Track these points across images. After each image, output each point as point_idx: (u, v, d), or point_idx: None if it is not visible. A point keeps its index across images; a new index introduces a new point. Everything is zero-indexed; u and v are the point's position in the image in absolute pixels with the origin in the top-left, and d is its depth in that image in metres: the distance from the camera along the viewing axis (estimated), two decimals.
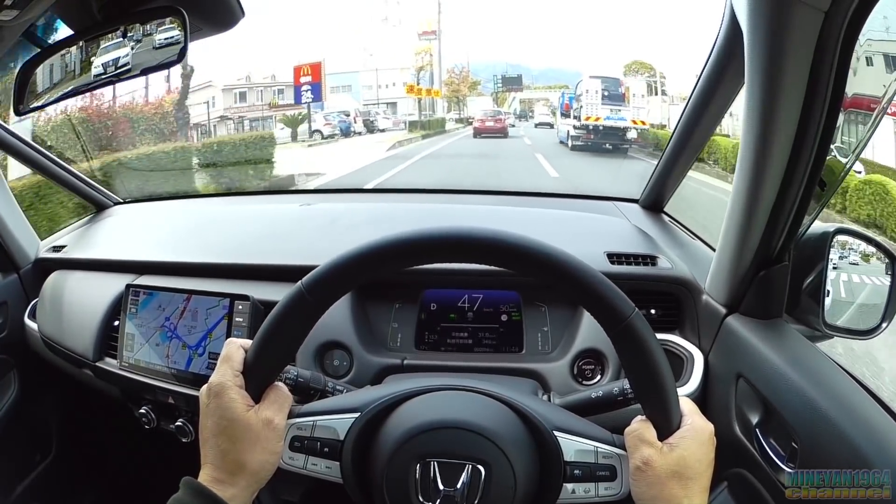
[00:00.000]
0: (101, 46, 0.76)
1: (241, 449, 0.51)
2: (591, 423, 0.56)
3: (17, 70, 0.81)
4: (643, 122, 8.11)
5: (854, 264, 0.77)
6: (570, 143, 8.49)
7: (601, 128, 8.07)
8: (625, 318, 0.49)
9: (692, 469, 0.50)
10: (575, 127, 8.44)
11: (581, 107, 8.55)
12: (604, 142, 8.04)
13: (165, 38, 0.73)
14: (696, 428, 0.52)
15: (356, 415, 0.55)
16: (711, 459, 0.52)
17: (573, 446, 0.53)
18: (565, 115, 9.46)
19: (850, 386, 0.62)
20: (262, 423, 0.52)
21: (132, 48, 0.74)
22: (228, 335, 0.91)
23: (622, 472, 0.53)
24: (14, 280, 1.22)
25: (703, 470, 0.51)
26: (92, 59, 0.77)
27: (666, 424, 0.51)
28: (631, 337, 0.49)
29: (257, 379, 0.53)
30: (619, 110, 8.12)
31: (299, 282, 0.51)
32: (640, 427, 0.52)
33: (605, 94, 8.32)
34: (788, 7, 0.51)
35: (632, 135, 7.99)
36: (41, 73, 0.81)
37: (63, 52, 0.79)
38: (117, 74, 0.76)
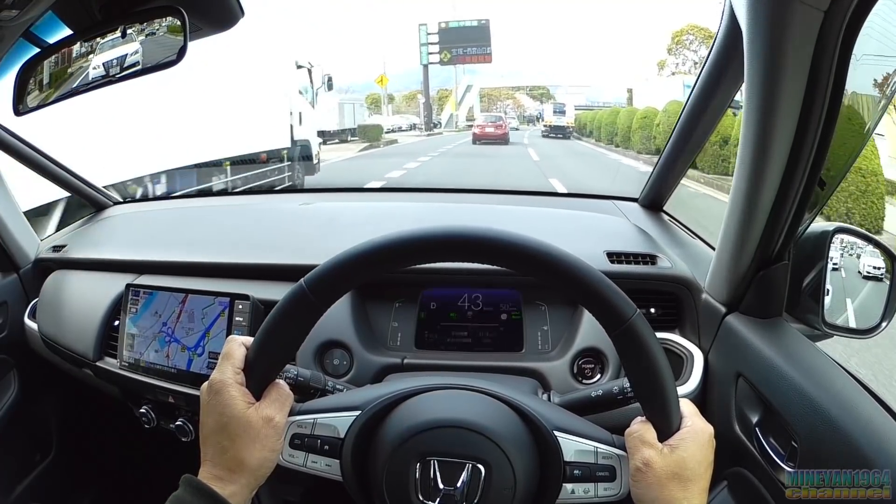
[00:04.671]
0: (101, 45, 0.76)
1: (240, 446, 0.51)
2: (592, 424, 0.56)
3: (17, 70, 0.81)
4: (571, 123, 19.13)
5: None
6: (540, 133, 19.58)
7: (552, 126, 19.05)
8: (626, 319, 0.49)
9: (692, 471, 0.50)
10: (543, 126, 19.56)
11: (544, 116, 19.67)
12: (556, 134, 18.69)
13: (167, 38, 0.73)
14: (696, 430, 0.52)
15: (357, 413, 0.56)
16: (711, 461, 0.52)
17: (573, 446, 0.54)
18: (541, 120, 20.39)
19: (850, 385, 0.62)
20: (262, 420, 0.52)
21: (133, 48, 0.75)
22: (228, 333, 0.90)
23: (622, 472, 0.53)
24: (14, 280, 1.22)
25: (703, 472, 0.51)
26: (92, 59, 0.77)
27: (666, 426, 0.51)
28: (632, 338, 0.49)
29: (258, 376, 0.53)
30: (561, 118, 19.22)
31: (301, 279, 0.51)
32: (641, 428, 0.52)
33: (556, 110, 19.57)
34: (788, 6, 0.51)
35: (569, 130, 19.05)
36: (41, 74, 0.81)
37: (63, 52, 0.79)
38: (118, 75, 0.76)
